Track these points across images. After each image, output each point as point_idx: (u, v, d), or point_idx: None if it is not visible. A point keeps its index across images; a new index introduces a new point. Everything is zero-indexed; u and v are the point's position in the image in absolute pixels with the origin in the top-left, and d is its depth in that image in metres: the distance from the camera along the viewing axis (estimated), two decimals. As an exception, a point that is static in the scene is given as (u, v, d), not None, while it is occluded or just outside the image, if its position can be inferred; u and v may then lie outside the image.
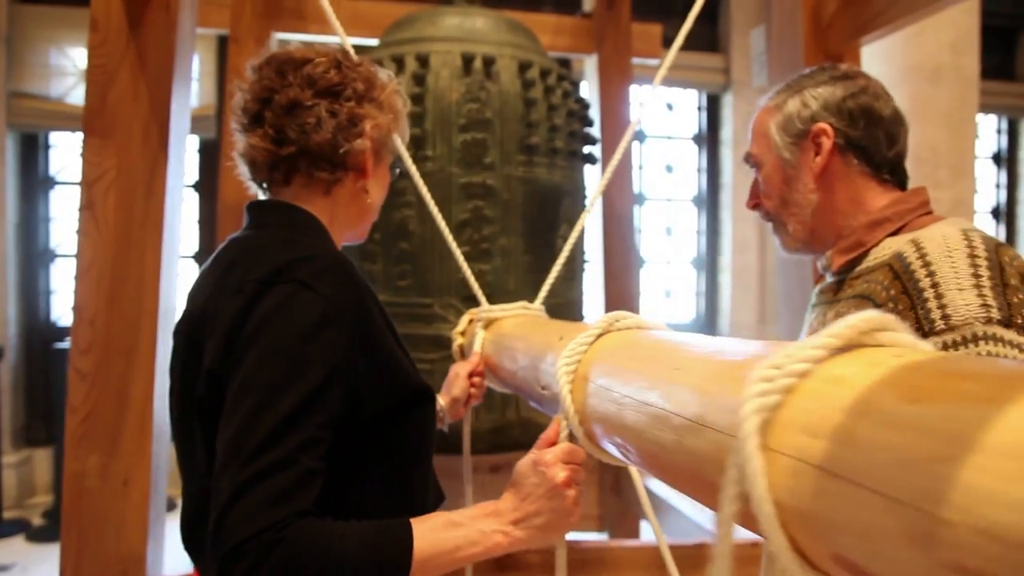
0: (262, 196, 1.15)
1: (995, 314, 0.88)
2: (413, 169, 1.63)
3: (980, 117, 5.08)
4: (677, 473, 0.67)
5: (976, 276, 0.91)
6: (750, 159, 1.21)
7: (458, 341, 1.66)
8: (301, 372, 0.88)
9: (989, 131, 6.34)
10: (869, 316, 0.46)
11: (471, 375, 1.50)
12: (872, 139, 1.10)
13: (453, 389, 1.48)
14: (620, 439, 0.78)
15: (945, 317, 0.89)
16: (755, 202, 1.21)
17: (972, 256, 0.93)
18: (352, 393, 0.95)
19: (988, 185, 6.31)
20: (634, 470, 1.75)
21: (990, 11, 4.45)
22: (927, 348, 0.45)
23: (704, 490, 0.60)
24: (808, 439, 0.42)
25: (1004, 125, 6.39)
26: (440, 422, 1.41)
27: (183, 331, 1.04)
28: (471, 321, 1.65)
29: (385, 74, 1.17)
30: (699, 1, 1.62)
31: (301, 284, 0.92)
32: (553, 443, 0.96)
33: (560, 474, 0.93)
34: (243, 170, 1.14)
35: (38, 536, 4.13)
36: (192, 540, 1.03)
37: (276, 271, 0.93)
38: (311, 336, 0.90)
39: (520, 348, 1.29)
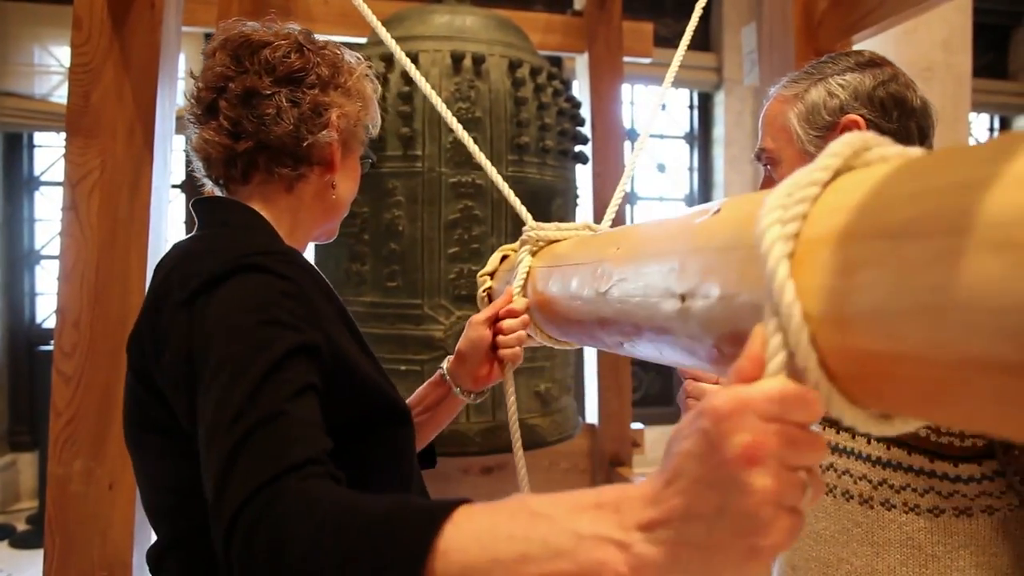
0: (219, 194, 1.04)
1: None
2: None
3: (972, 116, 5.09)
4: None
5: None
6: (763, 155, 1.09)
7: (485, 286, 1.25)
8: (269, 336, 0.74)
9: (981, 130, 6.35)
10: (851, 138, 0.47)
11: (498, 319, 1.13)
12: (906, 132, 1.01)
13: (460, 342, 1.17)
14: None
15: None
16: None
17: None
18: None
19: (978, 183, 6.32)
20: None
21: (983, 9, 4.45)
22: (914, 152, 0.46)
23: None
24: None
25: (996, 124, 6.40)
26: (442, 384, 1.21)
27: (128, 347, 0.91)
28: (504, 258, 1.23)
29: (353, 57, 1.07)
30: (701, 1, 1.59)
31: (252, 267, 0.80)
32: (754, 378, 0.45)
33: (740, 436, 0.43)
34: (197, 166, 1.03)
35: (22, 542, 4.07)
36: (160, 572, 0.92)
37: (221, 272, 0.81)
38: (271, 305, 0.77)
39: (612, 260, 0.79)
